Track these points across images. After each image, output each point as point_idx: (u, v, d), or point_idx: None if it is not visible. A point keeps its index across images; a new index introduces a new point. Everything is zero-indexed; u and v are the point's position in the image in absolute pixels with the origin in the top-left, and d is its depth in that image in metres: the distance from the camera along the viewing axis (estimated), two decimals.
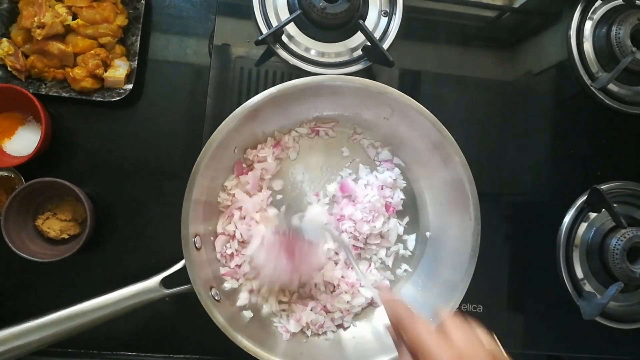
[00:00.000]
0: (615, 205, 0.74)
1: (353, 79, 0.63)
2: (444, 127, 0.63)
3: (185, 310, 0.71)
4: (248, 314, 0.65)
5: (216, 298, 0.61)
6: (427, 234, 0.71)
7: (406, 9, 0.75)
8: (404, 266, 0.71)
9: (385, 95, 0.63)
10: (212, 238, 0.66)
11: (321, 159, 0.71)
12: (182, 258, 0.59)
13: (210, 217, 0.66)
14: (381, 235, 0.69)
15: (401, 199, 0.70)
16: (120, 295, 0.57)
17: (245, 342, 0.59)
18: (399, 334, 0.44)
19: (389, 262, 0.70)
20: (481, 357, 0.40)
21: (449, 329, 0.42)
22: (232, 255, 0.65)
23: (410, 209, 0.72)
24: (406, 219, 0.71)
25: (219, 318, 0.58)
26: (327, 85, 0.63)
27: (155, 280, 0.58)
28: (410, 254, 0.71)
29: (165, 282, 0.59)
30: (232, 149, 0.65)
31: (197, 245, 0.61)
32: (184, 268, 0.59)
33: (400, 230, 0.70)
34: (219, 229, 0.66)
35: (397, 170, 0.71)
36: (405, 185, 0.71)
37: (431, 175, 0.70)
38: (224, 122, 0.60)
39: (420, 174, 0.71)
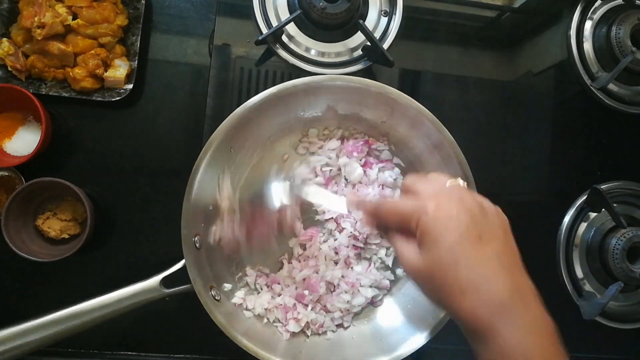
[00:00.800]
0: (615, 205, 0.74)
1: (353, 79, 0.63)
2: (443, 127, 0.63)
3: (185, 310, 0.71)
4: (248, 314, 0.65)
5: (216, 298, 0.61)
6: None
7: (406, 9, 0.75)
8: None
9: (385, 95, 0.63)
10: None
11: None
12: (182, 258, 0.59)
13: (211, 216, 0.66)
14: (381, 235, 0.69)
15: None
16: (120, 295, 0.57)
17: (245, 342, 0.59)
18: (380, 223, 0.50)
19: (389, 262, 0.70)
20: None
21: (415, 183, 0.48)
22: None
23: None
24: None
25: (219, 318, 0.58)
26: (326, 85, 0.63)
27: (155, 280, 0.58)
28: None
29: (165, 282, 0.59)
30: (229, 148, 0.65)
31: (197, 245, 0.61)
32: (184, 268, 0.59)
33: None
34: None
35: (397, 170, 0.71)
36: None
37: None
38: (224, 122, 0.60)
39: (420, 173, 0.71)
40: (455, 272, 0.42)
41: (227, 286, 0.65)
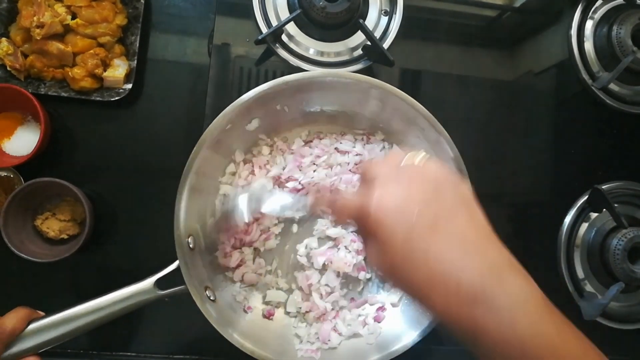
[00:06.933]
0: (616, 205, 0.74)
1: (345, 74, 0.62)
2: (437, 122, 0.62)
3: (184, 310, 0.71)
4: (248, 316, 0.64)
5: (211, 298, 0.61)
6: None
7: (407, 8, 0.75)
8: None
9: (377, 90, 0.62)
10: None
11: None
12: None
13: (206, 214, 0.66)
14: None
15: None
16: (115, 298, 0.56)
17: (240, 340, 0.58)
18: (343, 217, 0.42)
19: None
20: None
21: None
22: None
23: None
24: None
25: (214, 317, 0.58)
26: (318, 82, 0.63)
27: (149, 282, 0.57)
28: None
29: (159, 284, 0.57)
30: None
31: (190, 245, 0.61)
32: (178, 269, 0.58)
33: None
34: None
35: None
36: None
37: None
38: (215, 120, 0.59)
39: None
40: (416, 270, 0.36)
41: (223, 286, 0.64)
